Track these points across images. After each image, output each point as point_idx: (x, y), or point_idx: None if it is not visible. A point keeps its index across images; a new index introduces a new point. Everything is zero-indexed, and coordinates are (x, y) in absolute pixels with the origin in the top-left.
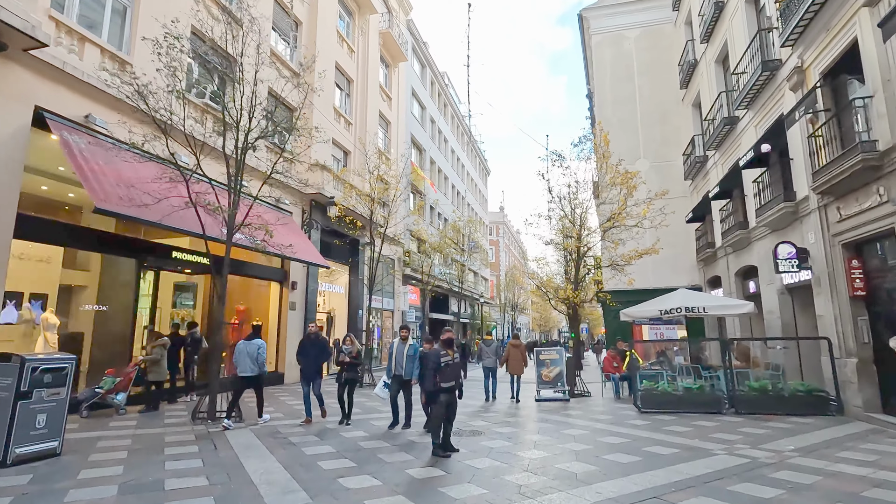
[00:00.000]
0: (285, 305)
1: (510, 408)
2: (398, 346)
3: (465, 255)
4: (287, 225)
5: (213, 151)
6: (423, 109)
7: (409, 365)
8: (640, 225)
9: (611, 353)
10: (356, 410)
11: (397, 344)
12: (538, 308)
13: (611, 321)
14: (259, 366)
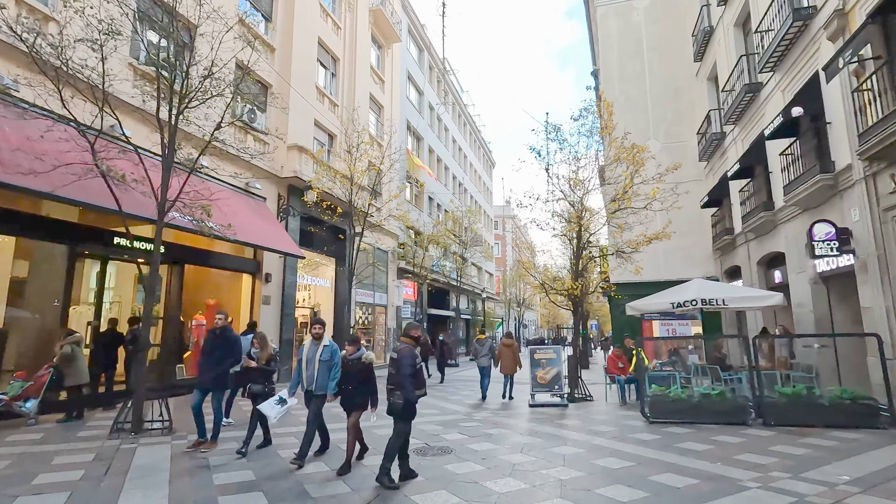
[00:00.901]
0: (258, 300)
1: (497, 414)
2: (309, 347)
3: (464, 248)
4: (257, 211)
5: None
6: (421, 95)
7: (324, 375)
8: (649, 207)
9: (615, 352)
10: (280, 432)
11: (308, 345)
12: (546, 304)
13: (618, 317)
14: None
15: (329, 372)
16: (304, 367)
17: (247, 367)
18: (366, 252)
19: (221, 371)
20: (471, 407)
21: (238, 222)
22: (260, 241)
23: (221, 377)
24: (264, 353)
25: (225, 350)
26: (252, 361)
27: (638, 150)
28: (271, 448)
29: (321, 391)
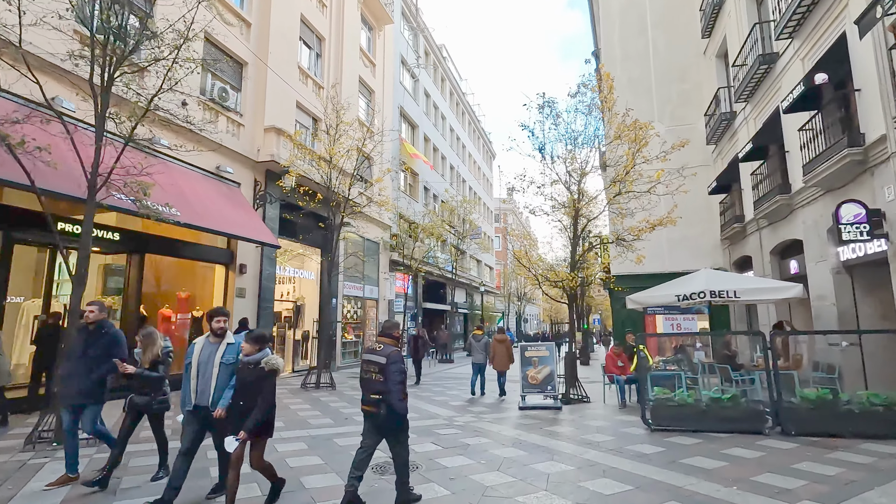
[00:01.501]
0: (232, 292)
1: (482, 418)
2: (203, 347)
3: (461, 239)
4: (229, 197)
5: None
6: (416, 81)
7: (224, 381)
8: (653, 191)
9: (614, 349)
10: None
11: (202, 344)
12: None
13: (619, 311)
14: None
15: (229, 380)
16: (193, 373)
17: (124, 372)
18: (351, 242)
19: (96, 379)
20: (455, 409)
21: (206, 208)
22: (227, 228)
23: (95, 387)
24: (149, 354)
25: (102, 352)
26: (128, 367)
27: (641, 127)
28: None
29: (220, 406)
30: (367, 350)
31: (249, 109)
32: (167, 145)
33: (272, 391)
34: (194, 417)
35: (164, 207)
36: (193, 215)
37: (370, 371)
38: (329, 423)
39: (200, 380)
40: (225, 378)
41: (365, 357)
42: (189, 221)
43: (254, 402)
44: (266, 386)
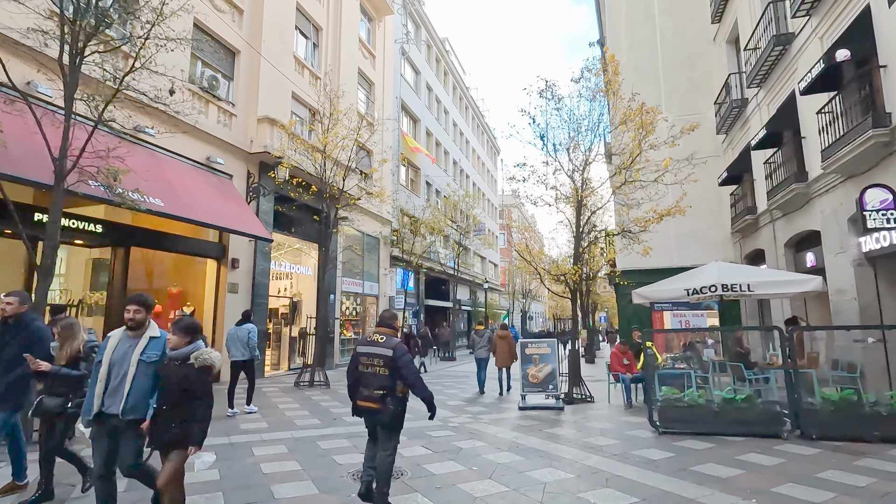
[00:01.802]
0: (224, 287)
1: (479, 418)
2: (119, 342)
3: (463, 235)
4: (221, 189)
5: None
6: (418, 74)
7: (144, 387)
8: (660, 180)
9: (619, 346)
10: None
11: (118, 339)
12: (553, 295)
13: (624, 307)
14: (250, 350)
15: (150, 383)
16: (102, 373)
17: (37, 370)
18: (350, 237)
19: (14, 379)
20: (451, 409)
21: (193, 200)
22: (215, 220)
23: (13, 387)
24: (67, 349)
25: (20, 350)
26: (41, 363)
27: (648, 111)
28: None
29: (135, 414)
30: (366, 342)
31: (242, 99)
32: (152, 134)
33: (207, 391)
34: (101, 429)
35: (141, 196)
36: (179, 206)
37: (372, 365)
38: (315, 425)
39: (112, 381)
40: (145, 380)
41: (363, 350)
42: (173, 212)
43: (181, 408)
44: (198, 387)
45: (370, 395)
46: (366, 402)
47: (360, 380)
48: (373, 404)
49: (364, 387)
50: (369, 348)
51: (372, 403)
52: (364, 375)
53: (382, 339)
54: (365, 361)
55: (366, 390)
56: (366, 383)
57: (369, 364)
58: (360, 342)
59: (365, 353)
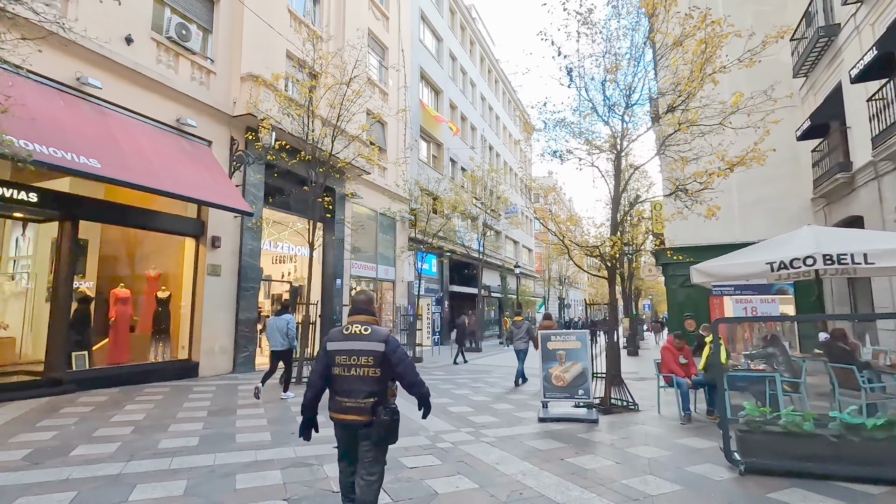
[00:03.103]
0: (202, 269)
1: (482, 434)
2: None
3: (488, 213)
4: (194, 156)
5: None
6: (439, 42)
7: None
8: (726, 123)
9: (673, 341)
10: None
11: None
12: (594, 282)
13: (675, 291)
14: (289, 340)
15: None
16: None
17: None
18: (360, 215)
19: None
20: (452, 419)
21: (148, 164)
22: (175, 187)
23: None
24: None
25: None
26: None
27: (714, 23)
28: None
29: None
30: (341, 336)
31: (223, 55)
32: (98, 86)
33: None
34: None
35: (49, 150)
36: (124, 169)
37: (357, 365)
38: (258, 443)
39: None
40: None
41: (340, 346)
42: (111, 175)
43: None
44: None
45: (356, 404)
46: (350, 416)
47: (335, 386)
48: (360, 417)
49: (344, 395)
50: (349, 344)
51: (359, 416)
52: (343, 380)
53: (367, 332)
54: (344, 361)
55: (348, 399)
56: (347, 390)
57: (352, 364)
58: (332, 336)
59: (344, 350)
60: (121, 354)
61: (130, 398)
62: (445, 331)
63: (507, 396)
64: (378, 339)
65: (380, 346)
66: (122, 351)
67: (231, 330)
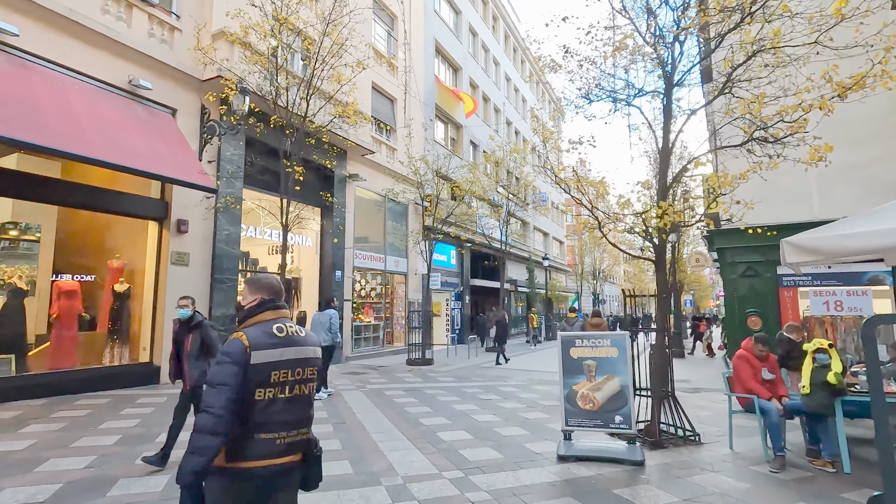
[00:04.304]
0: (165, 258)
1: (462, 491)
2: None
3: (512, 199)
4: (150, 125)
5: None
6: (458, 14)
7: None
8: (824, 41)
9: (752, 347)
10: None
11: None
12: (630, 277)
13: (734, 281)
14: (332, 335)
15: None
16: None
17: None
18: (365, 201)
19: None
20: (437, 456)
21: (81, 129)
22: (108, 155)
23: None
24: None
25: None
26: None
27: None
28: None
29: None
30: (278, 340)
31: (191, 10)
32: (13, 32)
33: None
34: None
35: None
36: (35, 131)
37: (305, 380)
38: (141, 499)
39: None
40: None
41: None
42: (16, 136)
43: None
44: None
45: (295, 439)
46: (286, 458)
47: (262, 417)
48: (296, 456)
49: (283, 427)
50: (291, 351)
51: (295, 455)
52: (282, 406)
53: (302, 333)
54: (285, 378)
55: (288, 434)
56: (289, 420)
57: (297, 381)
58: (258, 343)
59: (285, 361)
60: (65, 358)
61: (43, 414)
62: (466, 328)
63: (520, 415)
64: (316, 341)
65: (319, 351)
66: (66, 354)
67: None
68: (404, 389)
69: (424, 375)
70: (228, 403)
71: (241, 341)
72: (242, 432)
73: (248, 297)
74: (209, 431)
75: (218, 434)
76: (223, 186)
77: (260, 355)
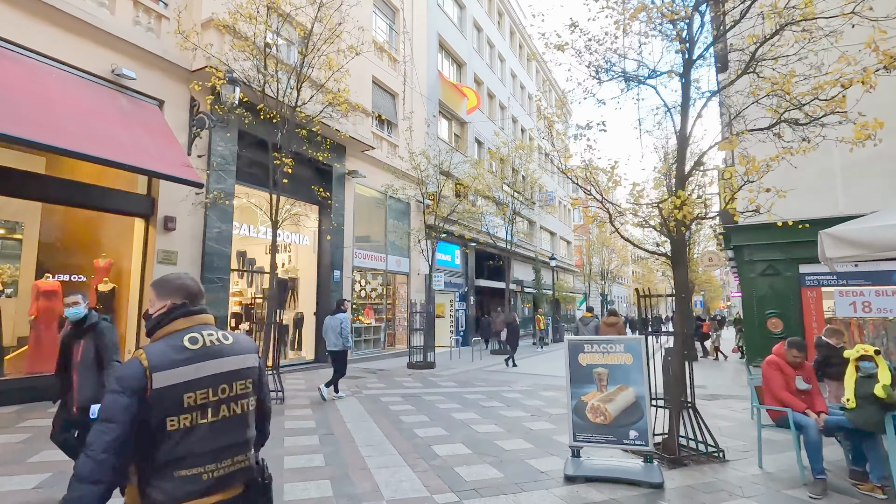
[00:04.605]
0: (152, 256)
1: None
2: None
3: (516, 196)
4: (134, 116)
5: None
6: (462, 9)
7: None
8: (865, 10)
9: (785, 352)
10: None
11: None
12: (639, 277)
13: (753, 280)
14: (343, 340)
15: None
16: None
17: None
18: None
19: None
20: (431, 471)
21: (59, 118)
22: (76, 145)
23: None
24: None
25: None
26: None
27: None
28: None
29: None
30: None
31: None
32: None
33: None
34: None
35: None
36: (9, 123)
37: (236, 396)
38: None
39: None
40: None
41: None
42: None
43: None
44: None
45: (228, 471)
46: (223, 494)
47: (182, 449)
48: (233, 491)
49: (211, 458)
50: (214, 365)
51: (230, 491)
52: (207, 433)
53: (229, 339)
54: (205, 400)
55: (218, 465)
56: (218, 448)
57: (224, 400)
58: (161, 361)
59: (203, 379)
60: (44, 362)
61: (10, 423)
62: (471, 330)
63: (524, 425)
64: (249, 347)
65: (253, 360)
66: (45, 357)
67: None
68: (402, 395)
69: (425, 380)
70: (113, 445)
71: (139, 362)
72: (155, 471)
73: (155, 303)
74: (86, 479)
75: (98, 482)
76: (214, 182)
77: (165, 377)
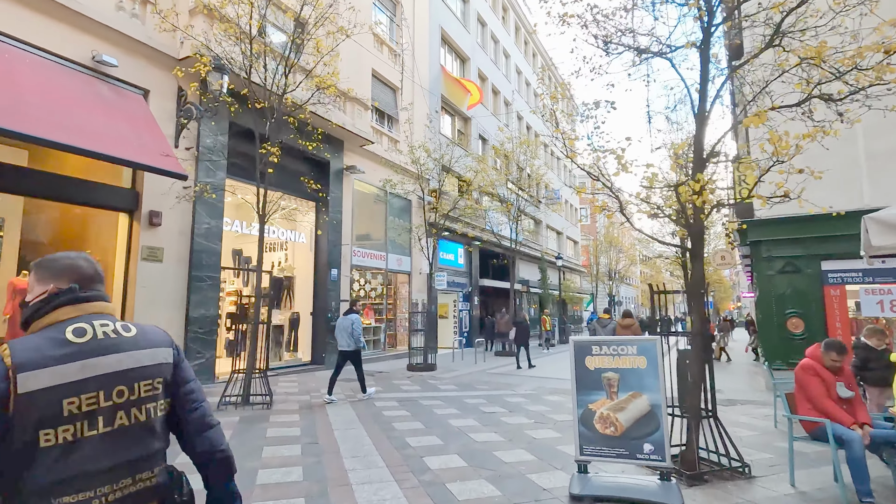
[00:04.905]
0: (136, 253)
1: None
2: None
3: (520, 193)
4: (116, 105)
5: None
6: (465, 3)
7: None
8: None
9: (822, 356)
10: None
11: None
12: (647, 279)
13: (771, 278)
14: (354, 340)
15: None
16: None
17: None
18: (365, 195)
19: None
20: (420, 488)
21: (29, 104)
22: (48, 133)
23: None
24: None
25: None
26: None
27: None
28: None
29: None
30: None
31: None
32: None
33: None
34: None
35: None
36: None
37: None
38: None
39: None
40: None
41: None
42: None
43: None
44: None
45: (128, 491)
46: None
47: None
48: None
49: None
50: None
51: None
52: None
53: (131, 332)
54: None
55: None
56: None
57: (116, 406)
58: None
59: (87, 379)
60: None
61: None
62: (475, 331)
63: (527, 433)
64: (158, 340)
65: (165, 355)
66: None
67: (179, 331)
68: (398, 400)
69: (424, 383)
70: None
71: (1, 360)
72: (27, 501)
73: (34, 288)
74: None
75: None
76: (202, 175)
77: (36, 378)
